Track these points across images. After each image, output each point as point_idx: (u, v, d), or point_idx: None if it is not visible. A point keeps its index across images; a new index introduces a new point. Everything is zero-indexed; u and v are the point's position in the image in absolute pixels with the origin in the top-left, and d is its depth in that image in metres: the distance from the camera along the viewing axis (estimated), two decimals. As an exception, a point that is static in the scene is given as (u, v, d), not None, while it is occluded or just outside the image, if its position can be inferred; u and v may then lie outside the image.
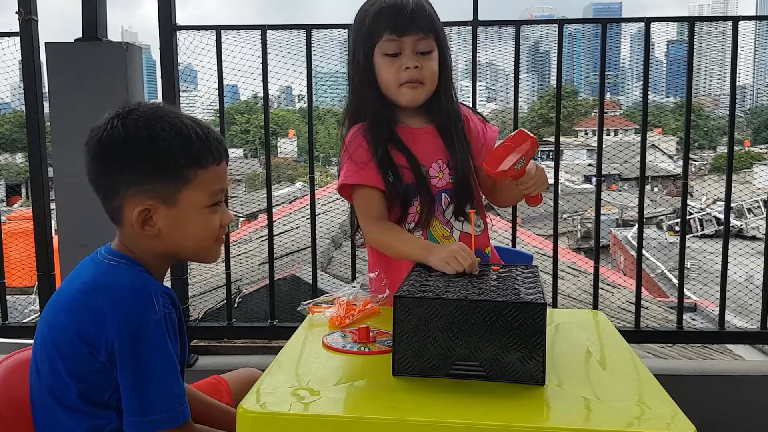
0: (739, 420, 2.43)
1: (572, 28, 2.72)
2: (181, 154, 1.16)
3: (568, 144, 17.43)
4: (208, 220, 1.21)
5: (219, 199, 1.22)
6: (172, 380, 1.12)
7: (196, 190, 1.18)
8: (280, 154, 22.35)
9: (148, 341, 1.09)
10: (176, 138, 1.16)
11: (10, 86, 2.78)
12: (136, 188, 1.16)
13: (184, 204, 1.18)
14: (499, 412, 0.99)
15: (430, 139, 1.61)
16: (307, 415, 0.99)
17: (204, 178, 1.18)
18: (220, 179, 1.22)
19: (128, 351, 1.09)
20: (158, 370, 1.10)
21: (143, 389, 1.10)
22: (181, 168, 1.17)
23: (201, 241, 1.22)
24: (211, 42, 2.49)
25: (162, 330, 1.11)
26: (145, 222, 1.17)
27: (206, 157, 1.18)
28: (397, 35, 1.52)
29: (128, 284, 1.14)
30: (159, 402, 1.10)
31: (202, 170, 1.18)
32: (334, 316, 1.39)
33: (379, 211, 1.56)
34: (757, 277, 2.77)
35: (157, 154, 1.16)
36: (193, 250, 1.24)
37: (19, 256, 3.38)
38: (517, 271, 1.32)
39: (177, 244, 1.21)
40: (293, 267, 3.86)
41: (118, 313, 1.10)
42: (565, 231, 13.79)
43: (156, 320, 1.10)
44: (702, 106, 15.36)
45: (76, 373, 1.13)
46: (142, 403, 1.10)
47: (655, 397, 1.05)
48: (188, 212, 1.19)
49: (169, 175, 1.16)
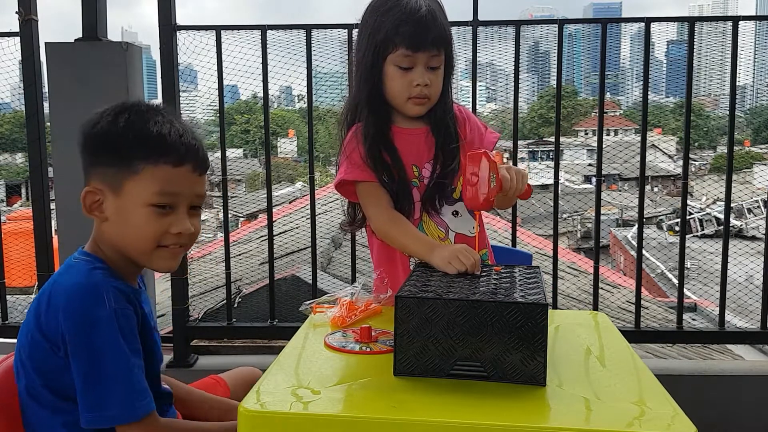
0: (739, 420, 2.43)
1: (572, 28, 2.72)
2: (134, 145, 1.17)
3: (568, 144, 17.44)
4: (150, 220, 1.18)
5: (168, 202, 1.19)
6: (125, 375, 1.12)
7: (141, 185, 1.17)
8: (280, 154, 22.38)
9: (98, 337, 1.10)
10: (137, 129, 1.18)
11: (10, 86, 2.78)
12: (94, 174, 1.20)
13: (128, 195, 1.18)
14: (500, 413, 0.99)
15: (423, 140, 1.63)
16: (307, 414, 0.99)
17: (153, 175, 1.17)
18: (174, 183, 1.18)
19: (79, 347, 1.10)
20: (110, 365, 1.11)
21: (95, 384, 1.11)
22: (131, 159, 1.17)
23: (140, 240, 1.19)
24: (211, 42, 2.50)
25: (112, 325, 1.11)
26: (95, 207, 1.20)
27: (159, 155, 1.17)
28: (412, 51, 1.52)
29: (79, 281, 1.15)
30: (112, 397, 1.11)
31: (151, 166, 1.17)
32: (337, 315, 1.39)
33: (386, 200, 1.57)
34: (757, 277, 2.77)
35: (112, 142, 1.18)
36: (133, 248, 1.21)
37: (19, 256, 3.38)
38: (519, 272, 1.32)
39: (121, 237, 1.20)
40: (293, 267, 3.86)
41: (68, 309, 1.12)
42: (565, 231, 13.79)
43: (106, 316, 1.11)
44: (702, 106, 15.37)
45: (42, 370, 1.16)
46: (94, 399, 1.11)
47: (655, 398, 1.05)
48: (131, 205, 1.18)
49: (119, 164, 1.17)
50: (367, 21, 1.58)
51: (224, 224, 2.91)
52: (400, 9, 1.52)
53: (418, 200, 1.61)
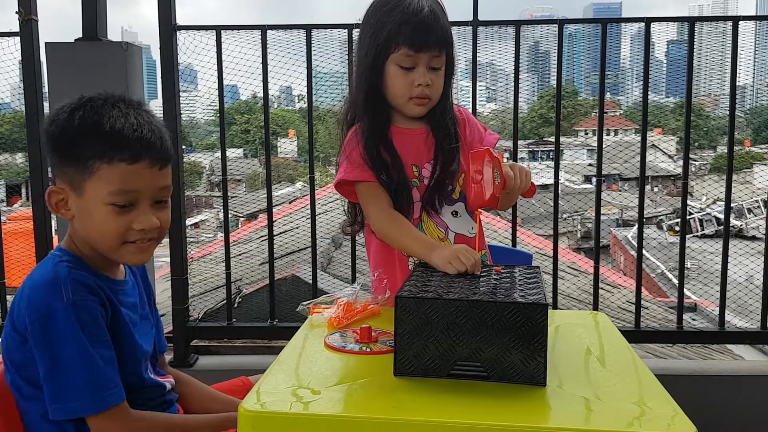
0: (739, 420, 2.43)
1: (572, 28, 2.72)
2: (88, 144, 1.16)
3: (568, 144, 17.44)
4: (111, 218, 1.17)
5: (128, 200, 1.18)
6: (85, 367, 1.12)
7: (98, 184, 1.16)
8: (280, 154, 22.37)
9: (56, 329, 1.11)
10: (90, 128, 1.16)
11: (10, 86, 2.78)
12: (56, 171, 1.21)
13: (88, 195, 1.18)
14: (500, 413, 0.99)
15: (423, 140, 1.63)
16: (307, 414, 0.99)
17: (108, 174, 1.16)
18: (131, 180, 1.17)
19: (39, 339, 1.12)
20: (68, 357, 1.11)
21: (54, 376, 1.12)
22: (87, 159, 1.16)
23: (102, 237, 1.19)
24: (211, 42, 2.50)
25: (71, 317, 1.11)
26: (61, 206, 1.20)
27: (113, 153, 1.15)
28: (414, 51, 1.53)
29: (40, 276, 1.16)
30: (72, 389, 1.12)
31: (106, 165, 1.16)
32: (333, 316, 1.39)
33: (386, 200, 1.57)
34: (757, 277, 2.77)
35: (69, 142, 1.17)
36: (98, 245, 1.21)
37: (19, 256, 3.38)
38: (519, 272, 1.32)
39: (86, 235, 1.21)
40: (293, 267, 3.86)
41: (29, 303, 1.14)
42: (565, 231, 13.79)
43: (63, 308, 1.11)
44: (702, 106, 15.36)
45: (16, 362, 1.18)
46: (55, 390, 1.12)
47: (655, 398, 1.05)
48: (92, 205, 1.18)
49: (76, 164, 1.17)
50: (370, 20, 1.58)
51: (224, 224, 2.91)
52: (403, 9, 1.52)
53: (418, 200, 1.61)
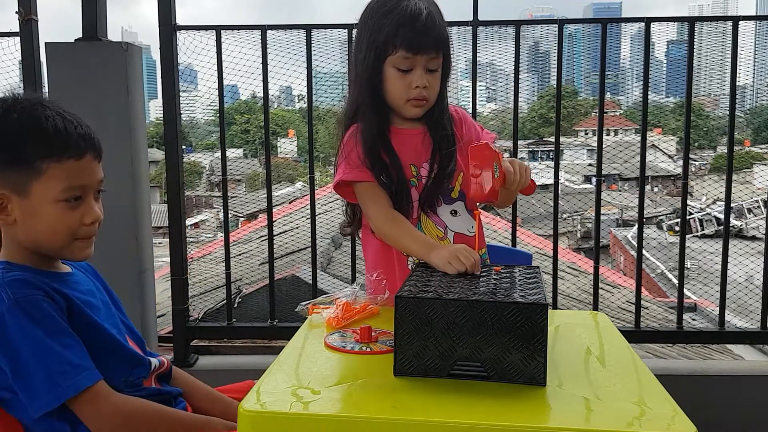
0: (739, 420, 2.43)
1: (572, 28, 2.72)
2: (34, 146, 1.16)
3: (568, 144, 17.41)
4: (63, 215, 1.18)
5: (77, 195, 1.20)
6: (47, 356, 1.12)
7: (48, 184, 1.17)
8: (280, 154, 22.34)
9: (7, 331, 1.11)
10: (31, 129, 1.16)
11: (10, 86, 2.78)
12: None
13: (36, 196, 1.17)
14: (500, 413, 0.99)
15: (421, 140, 1.64)
16: (307, 414, 0.99)
17: (58, 172, 1.17)
18: (79, 175, 1.19)
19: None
20: (29, 353, 1.11)
21: (22, 375, 1.12)
22: (33, 160, 1.16)
23: (54, 235, 1.20)
24: (211, 42, 2.50)
25: (18, 315, 1.11)
26: (0, 210, 1.18)
27: (61, 152, 1.17)
28: (412, 54, 1.54)
29: None
30: (41, 382, 1.12)
31: (55, 164, 1.16)
32: (332, 316, 1.39)
33: (385, 200, 1.58)
34: (757, 277, 2.77)
35: (10, 144, 1.16)
36: (48, 245, 1.21)
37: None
38: (519, 272, 1.32)
39: (33, 238, 1.20)
40: (293, 267, 3.86)
41: None
42: (565, 231, 13.78)
43: (7, 309, 1.11)
44: (702, 106, 15.34)
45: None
46: (27, 388, 1.12)
47: (655, 398, 1.05)
48: (41, 205, 1.18)
49: (20, 166, 1.16)
50: (367, 22, 1.58)
51: (224, 224, 2.91)
52: (401, 11, 1.52)
53: (417, 200, 1.61)
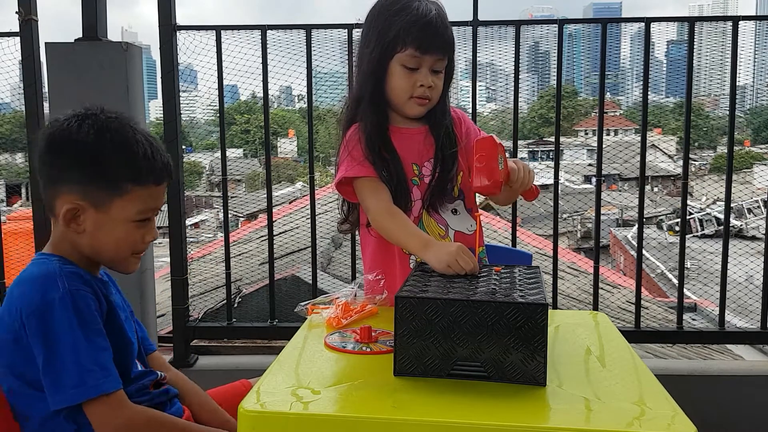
0: (739, 420, 2.43)
1: (572, 28, 2.72)
2: (123, 167, 1.22)
3: (568, 144, 17.43)
4: (131, 233, 1.26)
5: (149, 216, 1.28)
6: (83, 354, 1.14)
7: (128, 204, 1.24)
8: (280, 154, 22.35)
9: (53, 319, 1.14)
10: (122, 151, 1.23)
11: (10, 86, 2.78)
12: (73, 187, 1.22)
13: (113, 213, 1.23)
14: (500, 413, 0.99)
15: (422, 138, 1.65)
16: (307, 414, 0.99)
17: (139, 195, 1.24)
18: (154, 199, 1.27)
19: (36, 332, 1.14)
20: (67, 345, 1.14)
21: (54, 365, 1.14)
22: (119, 180, 1.22)
23: (119, 250, 1.27)
24: (211, 42, 2.50)
25: (68, 307, 1.15)
26: (72, 219, 1.23)
27: (147, 177, 1.24)
28: (421, 53, 1.55)
29: (33, 272, 1.21)
30: (70, 376, 1.14)
31: (138, 187, 1.24)
32: (332, 316, 1.39)
33: (385, 195, 1.57)
34: (757, 277, 2.77)
35: (101, 163, 1.22)
36: (109, 257, 1.28)
37: (19, 256, 3.37)
38: (519, 272, 1.32)
39: (97, 248, 1.26)
40: (293, 267, 3.86)
41: (23, 300, 1.16)
42: (565, 231, 13.77)
43: (60, 297, 1.15)
44: (702, 106, 15.34)
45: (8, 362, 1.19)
46: (55, 379, 1.14)
47: (655, 398, 1.05)
48: (115, 221, 1.24)
49: (106, 184, 1.22)
50: (377, 20, 1.60)
51: (224, 224, 2.91)
52: (412, 11, 1.54)
53: (418, 198, 1.61)
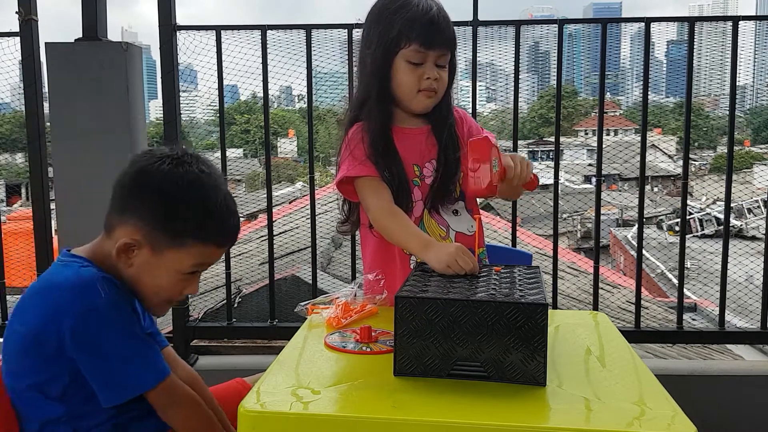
0: (739, 420, 2.43)
1: (572, 28, 2.72)
2: (193, 224, 1.23)
3: (568, 144, 17.43)
4: (176, 283, 1.27)
5: (197, 270, 1.28)
6: (138, 347, 1.18)
7: (184, 256, 1.24)
8: (280, 154, 22.33)
9: (99, 323, 1.15)
10: (199, 211, 1.23)
11: (10, 86, 2.78)
12: (138, 222, 1.23)
13: (167, 260, 1.24)
14: (500, 413, 0.99)
15: (424, 139, 1.65)
16: (307, 414, 0.99)
17: (197, 251, 1.25)
18: (210, 258, 1.29)
19: (83, 339, 1.15)
20: (119, 344, 1.17)
21: (109, 365, 1.16)
22: (184, 235, 1.23)
23: (156, 294, 1.28)
24: (211, 42, 2.50)
25: (112, 309, 1.16)
26: (125, 252, 1.24)
27: (211, 238, 1.26)
28: (425, 48, 1.55)
29: (70, 278, 1.20)
30: (131, 371, 1.17)
31: (201, 245, 1.25)
32: (332, 316, 1.39)
33: (387, 194, 1.58)
34: (757, 277, 2.77)
35: (175, 215, 1.22)
36: (145, 296, 1.28)
37: (19, 256, 3.38)
38: (519, 272, 1.32)
39: (136, 285, 1.26)
40: (293, 267, 3.86)
41: (63, 305, 1.16)
42: (565, 231, 13.77)
43: (104, 303, 1.16)
44: (702, 106, 15.34)
45: (27, 368, 1.19)
46: (111, 378, 1.16)
47: (655, 398, 1.05)
48: (165, 268, 1.25)
49: (170, 233, 1.23)
50: (377, 20, 1.60)
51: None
52: (413, 8, 1.55)
53: (420, 199, 1.61)
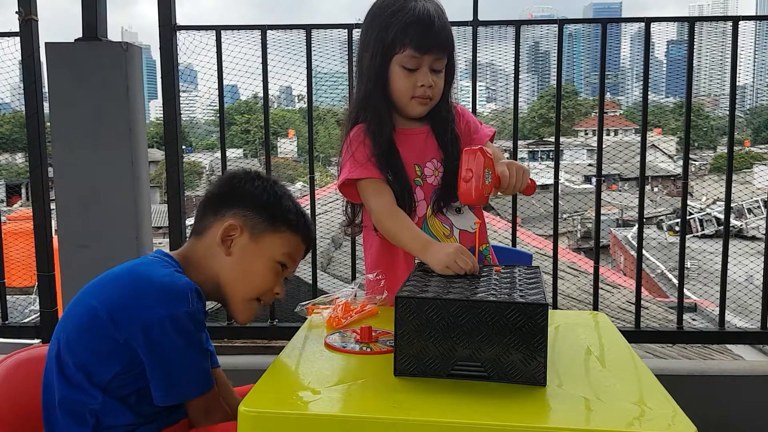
0: (739, 420, 2.43)
1: (572, 28, 2.72)
2: (289, 213, 1.37)
3: (568, 144, 17.46)
4: (268, 273, 1.35)
5: (287, 265, 1.37)
6: (199, 359, 1.22)
7: (278, 241, 1.35)
8: (280, 154, 22.33)
9: (179, 330, 1.19)
10: (292, 203, 1.39)
11: (10, 86, 2.78)
12: (237, 212, 1.34)
13: (263, 244, 1.34)
14: (500, 413, 0.99)
15: (425, 139, 1.65)
16: (308, 414, 0.99)
17: (288, 239, 1.36)
18: (298, 252, 1.39)
19: (160, 338, 1.18)
20: (189, 352, 1.20)
21: (174, 369, 1.20)
22: (278, 220, 1.35)
23: (250, 286, 1.35)
24: (211, 42, 2.50)
25: (191, 321, 1.20)
26: (225, 240, 1.33)
27: (299, 229, 1.37)
28: (420, 53, 1.55)
29: (166, 277, 1.23)
30: (190, 378, 1.21)
31: (290, 232, 1.36)
32: (332, 316, 1.39)
33: (389, 196, 1.58)
34: (757, 277, 2.77)
35: (275, 201, 1.36)
36: (235, 295, 1.35)
37: (19, 256, 3.38)
38: (519, 272, 1.32)
39: (231, 276, 1.33)
40: (293, 267, 3.86)
41: (145, 305, 1.19)
42: (565, 231, 13.79)
43: (187, 313, 1.20)
44: (702, 106, 15.35)
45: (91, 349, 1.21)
46: (170, 380, 1.20)
47: (655, 397, 1.05)
48: (261, 254, 1.34)
49: (270, 217, 1.34)
50: (374, 21, 1.60)
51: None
52: (409, 11, 1.54)
53: (422, 199, 1.61)
